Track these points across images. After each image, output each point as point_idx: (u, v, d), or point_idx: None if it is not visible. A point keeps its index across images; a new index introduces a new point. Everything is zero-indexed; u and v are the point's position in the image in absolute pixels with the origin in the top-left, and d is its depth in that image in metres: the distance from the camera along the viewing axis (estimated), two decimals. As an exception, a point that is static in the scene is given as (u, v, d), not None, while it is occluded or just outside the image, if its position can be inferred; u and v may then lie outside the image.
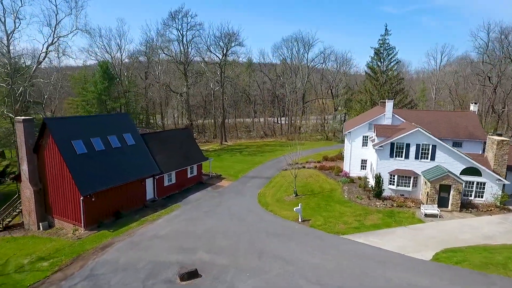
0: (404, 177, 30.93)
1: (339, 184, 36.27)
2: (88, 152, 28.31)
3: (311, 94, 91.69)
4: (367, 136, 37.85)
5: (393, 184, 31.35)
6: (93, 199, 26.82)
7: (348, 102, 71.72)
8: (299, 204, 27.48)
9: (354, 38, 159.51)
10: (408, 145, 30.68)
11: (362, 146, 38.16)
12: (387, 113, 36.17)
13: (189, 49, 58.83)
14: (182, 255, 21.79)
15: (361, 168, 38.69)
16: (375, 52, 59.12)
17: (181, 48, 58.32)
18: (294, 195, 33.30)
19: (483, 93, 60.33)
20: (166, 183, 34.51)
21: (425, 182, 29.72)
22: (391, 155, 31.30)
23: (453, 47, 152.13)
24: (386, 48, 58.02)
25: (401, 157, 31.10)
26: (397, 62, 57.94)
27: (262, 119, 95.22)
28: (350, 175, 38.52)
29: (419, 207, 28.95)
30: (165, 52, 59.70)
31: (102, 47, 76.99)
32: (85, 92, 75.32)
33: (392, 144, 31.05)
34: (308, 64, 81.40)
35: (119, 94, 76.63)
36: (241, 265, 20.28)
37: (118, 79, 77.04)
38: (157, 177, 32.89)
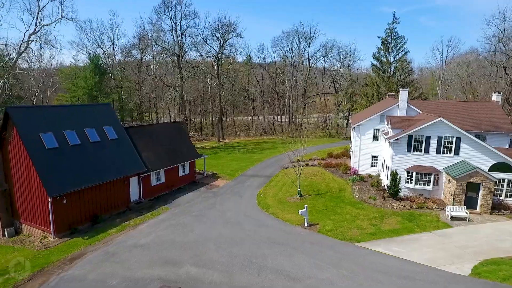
0: (424, 174, 27.09)
1: (348, 183, 32.42)
2: (60, 146, 24.42)
3: (313, 90, 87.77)
4: (379, 130, 34.01)
5: (411, 182, 27.52)
6: (64, 201, 22.96)
7: (352, 96, 67.82)
8: (305, 206, 23.61)
9: (356, 34, 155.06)
10: (428, 138, 26.84)
11: (373, 140, 34.32)
12: (401, 103, 32.34)
13: (183, 39, 54.91)
14: (165, 270, 17.93)
15: (372, 165, 34.85)
16: (382, 42, 55.28)
17: (175, 38, 54.43)
18: (298, 195, 29.45)
19: (495, 86, 56.51)
20: (153, 183, 30.64)
21: (449, 180, 25.89)
22: (409, 150, 27.46)
23: (459, 40, 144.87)
24: (394, 37, 54.19)
25: (420, 151, 27.26)
26: (406, 53, 54.35)
27: (261, 117, 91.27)
28: (359, 173, 34.68)
29: (443, 209, 25.13)
30: (158, 43, 55.79)
31: (94, 41, 73.41)
32: (75, 88, 71.60)
33: (409, 137, 27.21)
34: (310, 57, 77.47)
35: (111, 90, 72.87)
36: (236, 282, 16.42)
37: (110, 74, 73.37)
38: (143, 175, 29.02)
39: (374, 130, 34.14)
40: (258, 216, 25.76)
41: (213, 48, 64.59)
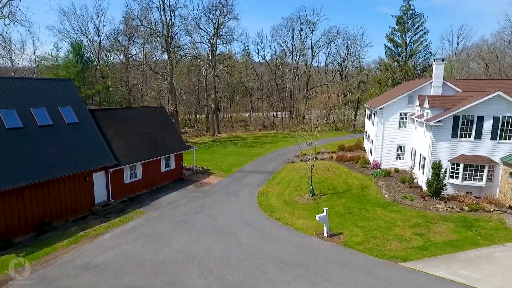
0: (474, 166, 20.89)
1: (370, 178, 26.17)
2: (-8, 130, 18.05)
3: (313, 83, 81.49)
4: (406, 114, 27.77)
5: (456, 177, 21.33)
6: (-7, 205, 16.59)
7: (361, 85, 61.54)
8: (324, 209, 17.27)
9: (364, 17, 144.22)
10: (480, 119, 20.66)
11: (399, 127, 28.07)
12: (436, 80, 26.08)
13: (173, 19, 48.44)
14: (119, 310, 11.63)
15: (397, 157, 28.60)
16: (397, 21, 48.96)
17: (163, 17, 47.97)
18: (310, 194, 23.17)
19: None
20: (126, 180, 24.28)
21: (510, 173, 19.69)
22: (454, 135, 21.26)
23: (471, 29, 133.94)
24: (411, 15, 47.94)
25: (469, 137, 21.07)
26: (425, 33, 48.01)
27: (260, 114, 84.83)
28: (382, 167, 28.44)
29: (506, 212, 18.92)
30: (144, 24, 49.36)
31: (77, 28, 67.01)
32: (55, 77, 65.19)
33: (455, 118, 21.00)
34: (313, 45, 71.20)
35: (97, 80, 66.40)
36: (228, 336, 10.13)
37: (96, 63, 66.98)
38: (112, 170, 22.66)
39: (401, 114, 27.90)
40: (260, 223, 19.46)
41: (207, 33, 58.24)
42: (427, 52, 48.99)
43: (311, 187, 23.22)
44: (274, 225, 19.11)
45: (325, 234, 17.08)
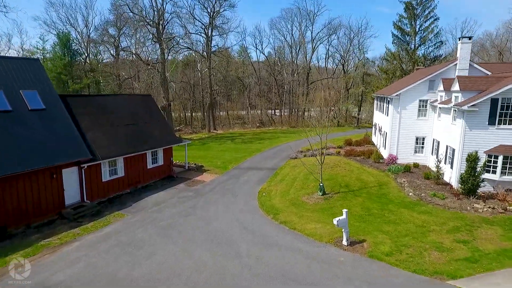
0: (516, 159, 17.62)
1: (387, 174, 22.82)
2: None
3: (316, 76, 78.15)
4: (427, 101, 24.45)
5: (494, 172, 18.05)
6: None
7: (366, 77, 58.22)
8: (343, 211, 13.85)
9: (368, 6, 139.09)
10: (524, 102, 17.38)
11: (418, 116, 24.74)
12: (462, 62, 22.73)
13: (164, 5, 44.89)
14: None
15: (416, 151, 25.29)
16: (405, 7, 45.61)
17: (153, 3, 44.41)
18: (320, 193, 19.75)
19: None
20: (105, 177, 20.78)
21: (563, 167, 16.41)
22: (491, 122, 17.97)
23: (475, 22, 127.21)
24: (422, 0, 44.70)
25: (510, 124, 17.79)
26: (436, 19, 44.76)
27: (258, 111, 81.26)
28: (398, 161, 25.13)
29: (560, 213, 15.63)
30: (133, 11, 45.75)
31: (66, 19, 63.37)
32: (41, 71, 61.40)
33: (494, 101, 17.71)
34: (313, 37, 67.89)
35: (86, 74, 62.70)
36: None
37: (85, 56, 63.33)
38: (86, 165, 19.16)
39: (420, 101, 24.57)
40: (262, 228, 16.04)
41: (201, 23, 54.72)
42: (437, 41, 45.87)
43: (321, 184, 19.81)
44: (279, 230, 15.69)
45: (344, 242, 13.70)
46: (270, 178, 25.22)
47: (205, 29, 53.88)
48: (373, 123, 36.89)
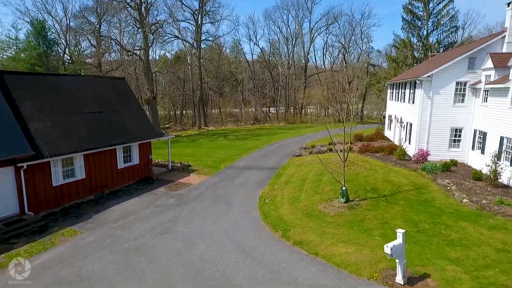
0: None
1: (421, 174, 18.14)
2: None
3: (314, 70, 73.55)
4: (465, 83, 19.85)
5: None
6: None
7: (371, 67, 53.71)
8: (399, 232, 9.00)
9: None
10: None
11: (455, 102, 20.14)
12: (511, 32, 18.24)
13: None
14: None
15: (451, 145, 20.68)
16: (417, -12, 41.15)
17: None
18: (343, 199, 14.90)
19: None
20: (58, 180, 15.69)
21: None
22: None
23: (478, 14, 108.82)
24: (436, -21, 40.15)
25: None
26: (451, 1, 40.20)
27: (252, 109, 76.19)
28: (430, 158, 20.49)
29: None
30: (112, -8, 40.48)
31: (41, 5, 57.87)
32: (14, 62, 55.64)
33: None
34: (311, 27, 63.26)
35: (64, 65, 57.11)
36: None
37: (64, 47, 57.79)
38: (26, 165, 14.03)
39: (458, 84, 19.96)
40: (268, 252, 11.15)
41: (190, 8, 49.57)
42: (452, 26, 41.52)
43: (343, 188, 14.96)
44: (294, 256, 10.82)
45: (400, 279, 8.90)
46: (273, 179, 20.34)
47: (194, 15, 48.79)
48: (386, 116, 32.27)
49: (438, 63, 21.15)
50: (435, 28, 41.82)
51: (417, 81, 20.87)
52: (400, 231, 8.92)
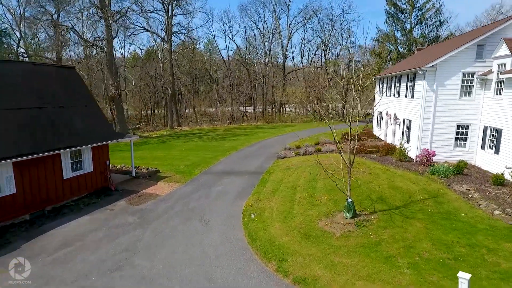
0: None
1: (431, 178, 15.58)
2: None
3: (293, 67, 71.12)
4: (473, 73, 17.58)
5: None
6: None
7: (351, 63, 51.79)
8: (462, 277, 6.09)
9: None
10: None
11: (461, 96, 17.85)
12: (528, 16, 16.14)
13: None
14: None
15: (456, 145, 18.38)
16: (401, -22, 39.36)
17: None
18: (349, 214, 11.91)
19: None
20: (-28, 199, 11.74)
21: None
22: None
23: (451, 13, 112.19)
24: (421, -31, 38.51)
25: None
26: (436, -9, 38.85)
27: (229, 108, 72.54)
28: (436, 159, 18.08)
29: None
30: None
31: (-9, -7, 51.34)
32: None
33: None
34: (289, 22, 60.76)
35: (19, 59, 51.12)
36: None
37: (18, 39, 51.83)
38: None
39: (464, 75, 17.68)
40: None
41: (160, -3, 45.42)
42: (436, 20, 40.15)
43: (349, 201, 12.00)
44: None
45: None
46: (257, 187, 17.18)
47: (164, 5, 44.75)
48: (376, 113, 30.00)
49: (440, 53, 18.78)
50: (419, 22, 40.29)
51: (419, 72, 18.37)
52: (463, 277, 5.99)
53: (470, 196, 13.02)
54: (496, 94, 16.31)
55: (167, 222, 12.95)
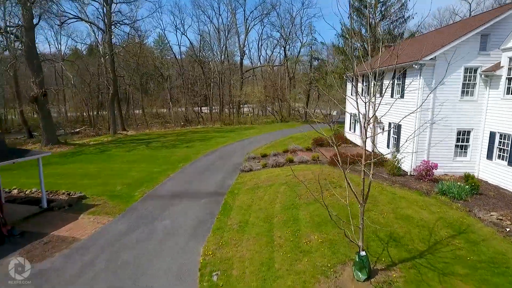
0: None
1: (444, 202, 12.23)
2: None
3: (252, 65, 67.21)
4: (476, 69, 14.71)
5: None
6: None
7: (313, 61, 49.00)
8: None
9: None
10: None
11: (462, 95, 14.93)
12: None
13: None
14: None
15: (456, 154, 15.45)
16: (364, -30, 37.31)
17: None
18: (363, 274, 7.95)
19: None
20: None
21: None
22: None
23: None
24: (385, -40, 36.69)
25: None
26: (403, -16, 37.22)
27: (183, 109, 66.63)
28: (436, 171, 14.95)
29: None
30: None
31: None
32: None
33: None
34: (246, 17, 56.77)
35: None
36: None
37: None
38: None
39: (466, 70, 14.76)
40: None
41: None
42: (401, 15, 38.67)
43: (362, 254, 8.03)
44: None
45: None
46: (219, 219, 12.72)
47: (102, -11, 38.30)
48: (348, 114, 26.90)
49: (444, 42, 15.68)
50: (383, 17, 38.45)
51: (414, 66, 15.14)
52: None
53: (508, 229, 9.78)
54: (507, 93, 13.51)
55: (78, 299, 8.07)
